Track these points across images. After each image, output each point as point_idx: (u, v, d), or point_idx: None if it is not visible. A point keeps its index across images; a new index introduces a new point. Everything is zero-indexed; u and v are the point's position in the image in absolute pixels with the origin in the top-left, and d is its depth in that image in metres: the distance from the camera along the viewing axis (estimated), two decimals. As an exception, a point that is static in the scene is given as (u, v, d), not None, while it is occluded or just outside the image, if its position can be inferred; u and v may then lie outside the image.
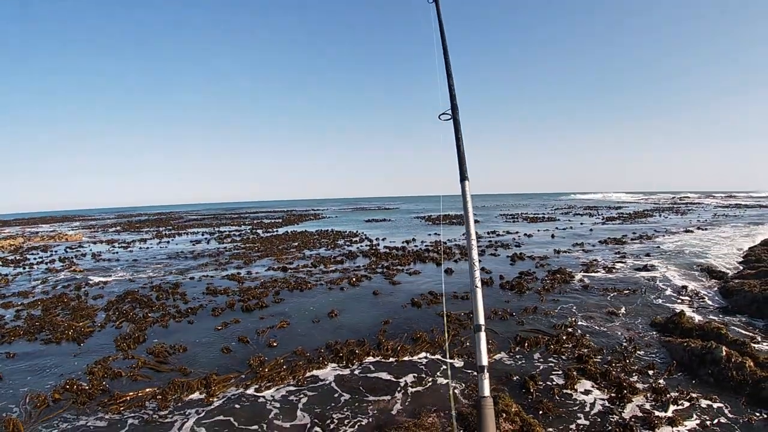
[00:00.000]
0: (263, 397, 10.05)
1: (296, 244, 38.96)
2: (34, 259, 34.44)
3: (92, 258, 34.13)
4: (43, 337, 14.90)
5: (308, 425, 8.75)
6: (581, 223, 51.25)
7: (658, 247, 29.69)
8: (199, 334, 14.85)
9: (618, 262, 24.85)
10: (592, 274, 21.59)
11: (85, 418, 9.30)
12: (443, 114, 5.02)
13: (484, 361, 4.05)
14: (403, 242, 38.68)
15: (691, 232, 38.36)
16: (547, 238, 37.84)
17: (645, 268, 22.04)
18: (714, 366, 10.65)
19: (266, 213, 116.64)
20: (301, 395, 10.07)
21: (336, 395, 10.04)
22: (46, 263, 32.00)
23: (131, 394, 10.25)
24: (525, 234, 41.55)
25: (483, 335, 4.17)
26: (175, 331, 15.27)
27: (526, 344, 12.58)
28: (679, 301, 16.65)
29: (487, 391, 3.91)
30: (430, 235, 45.49)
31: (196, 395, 10.17)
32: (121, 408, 9.66)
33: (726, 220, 49.35)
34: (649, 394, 9.53)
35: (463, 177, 4.89)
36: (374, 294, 19.29)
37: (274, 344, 13.44)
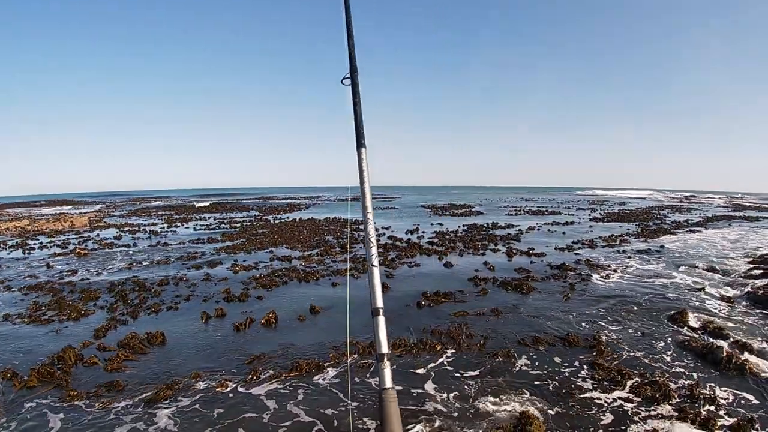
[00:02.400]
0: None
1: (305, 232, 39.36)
2: (39, 243, 34.23)
3: (98, 243, 34.09)
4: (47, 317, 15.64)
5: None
6: (579, 219, 51.17)
7: (662, 246, 29.88)
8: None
9: (623, 259, 25.17)
10: (598, 274, 21.79)
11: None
12: (345, 78, 4.76)
13: (384, 348, 3.72)
14: (407, 232, 39.38)
15: (697, 231, 38.43)
16: (547, 233, 38.14)
17: (651, 269, 22.28)
18: (715, 366, 10.94)
19: (265, 200, 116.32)
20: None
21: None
22: (53, 247, 32.25)
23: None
24: (529, 227, 41.78)
25: (382, 319, 3.84)
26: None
27: (540, 345, 12.92)
28: (684, 296, 16.98)
29: (389, 382, 3.61)
30: (432, 225, 45.67)
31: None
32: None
33: (719, 221, 49.11)
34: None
35: (360, 144, 4.59)
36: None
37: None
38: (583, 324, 14.40)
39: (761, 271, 19.56)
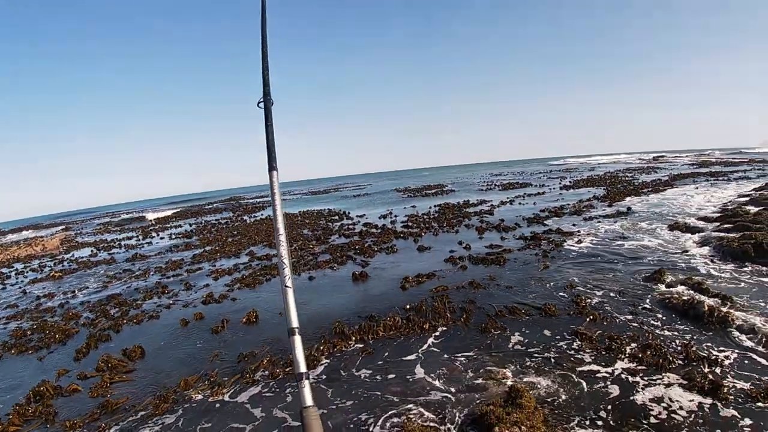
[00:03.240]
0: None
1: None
2: (15, 270, 32.96)
3: (74, 263, 32.79)
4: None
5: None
6: (550, 189, 51.67)
7: (629, 208, 30.07)
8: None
9: (590, 225, 25.31)
10: (570, 241, 21.72)
11: None
12: (260, 101, 4.80)
13: (302, 367, 3.72)
14: (380, 216, 39.25)
15: (662, 191, 39.04)
16: (518, 206, 38.17)
17: (620, 231, 22.46)
18: (697, 320, 10.88)
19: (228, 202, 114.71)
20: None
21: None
22: (29, 272, 31.16)
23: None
24: (501, 202, 41.85)
25: (298, 339, 3.85)
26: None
27: (515, 315, 12.77)
28: (658, 257, 16.92)
29: (309, 400, 3.58)
30: (405, 208, 45.51)
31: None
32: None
33: (684, 179, 50.07)
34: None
35: (272, 167, 4.70)
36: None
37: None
38: (562, 292, 14.20)
39: (730, 225, 19.79)
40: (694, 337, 10.13)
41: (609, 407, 7.95)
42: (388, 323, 12.98)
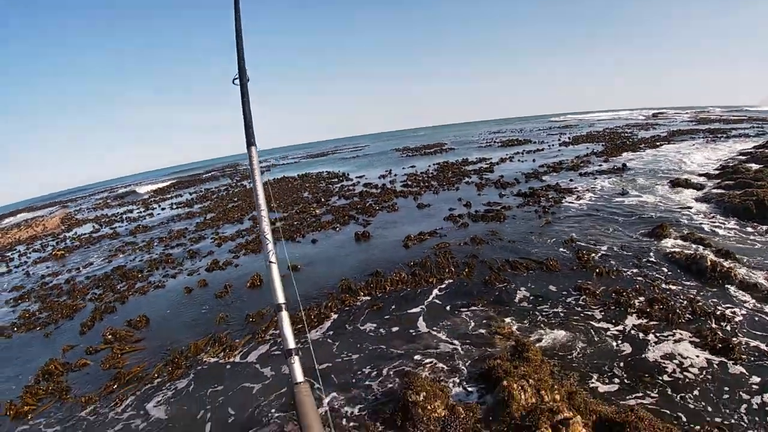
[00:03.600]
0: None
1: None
2: (18, 253, 32.28)
3: (77, 240, 32.40)
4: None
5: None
6: (549, 146, 51.21)
7: (624, 164, 29.70)
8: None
9: (588, 181, 25.26)
10: (569, 197, 21.64)
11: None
12: (235, 78, 4.79)
13: (291, 343, 3.60)
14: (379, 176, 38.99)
15: (659, 147, 38.70)
16: (517, 163, 37.86)
17: (619, 188, 22.36)
18: (700, 275, 10.98)
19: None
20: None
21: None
22: (32, 253, 30.66)
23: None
24: (500, 159, 41.46)
25: (285, 315, 3.71)
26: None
27: (519, 268, 12.88)
28: (659, 213, 16.89)
29: (300, 377, 3.48)
30: (404, 168, 45.19)
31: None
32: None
33: (682, 135, 49.38)
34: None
35: (250, 143, 4.61)
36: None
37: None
38: (563, 248, 14.28)
39: (731, 182, 19.64)
40: (700, 293, 10.22)
41: (616, 361, 8.11)
42: (394, 278, 13.16)
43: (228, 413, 8.27)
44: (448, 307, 11.14)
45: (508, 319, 10.04)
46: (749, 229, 14.30)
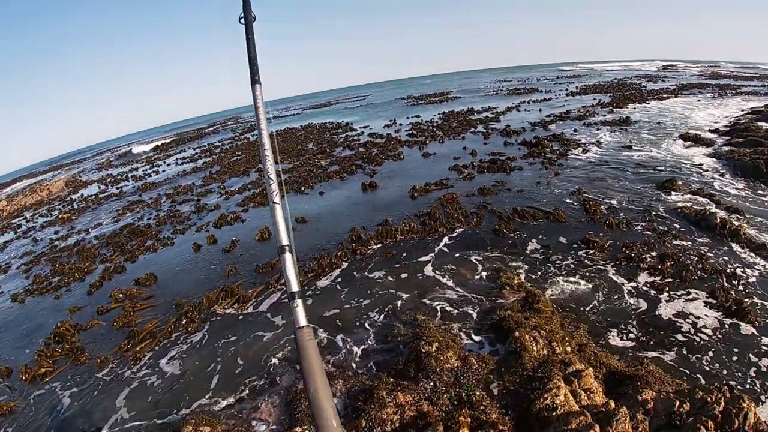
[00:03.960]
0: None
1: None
2: (24, 219, 31.40)
3: (84, 202, 31.93)
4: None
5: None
6: (556, 95, 50.21)
7: (627, 117, 28.81)
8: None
9: (594, 133, 24.88)
10: (575, 149, 21.32)
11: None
12: (241, 16, 4.59)
13: (294, 286, 3.44)
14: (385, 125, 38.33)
15: (665, 99, 37.87)
16: (524, 113, 37.03)
17: (626, 140, 22.03)
18: (709, 231, 10.97)
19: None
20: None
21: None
22: (38, 218, 30.07)
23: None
24: (507, 108, 40.68)
25: (289, 257, 3.54)
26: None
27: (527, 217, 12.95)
28: (667, 168, 16.71)
29: (303, 320, 3.38)
30: (409, 117, 44.46)
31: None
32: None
33: (692, 89, 48.09)
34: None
35: (254, 81, 4.45)
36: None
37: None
38: (569, 198, 14.27)
39: (741, 139, 19.26)
40: (710, 250, 10.23)
41: (626, 316, 8.23)
42: (404, 228, 13.22)
43: (238, 363, 8.49)
44: (457, 257, 11.22)
45: (517, 270, 10.12)
46: (759, 188, 14.18)
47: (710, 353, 7.05)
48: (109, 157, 76.92)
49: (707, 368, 6.76)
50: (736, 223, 10.93)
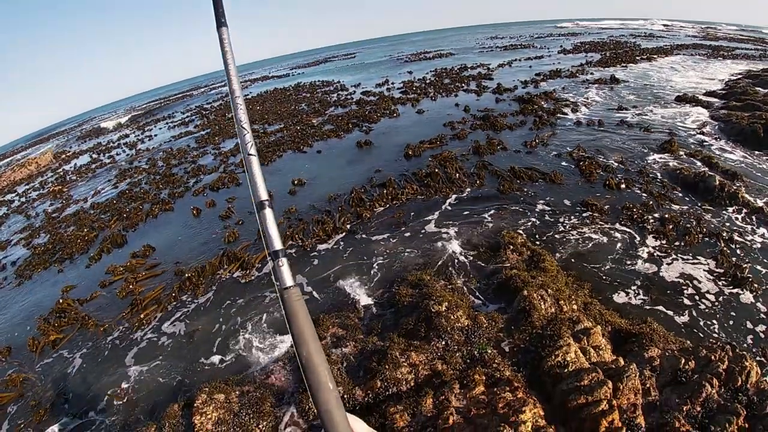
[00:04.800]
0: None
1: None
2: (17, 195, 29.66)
3: (76, 174, 30.22)
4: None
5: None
6: (549, 53, 49.54)
7: (614, 76, 28.87)
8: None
9: (585, 91, 24.76)
10: (565, 108, 21.14)
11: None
12: None
13: (277, 244, 3.19)
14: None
15: (653, 59, 37.57)
16: (516, 70, 36.44)
17: (619, 100, 21.93)
18: (707, 194, 11.09)
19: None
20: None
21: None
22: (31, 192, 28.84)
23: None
24: (498, 65, 40.14)
25: (269, 212, 3.25)
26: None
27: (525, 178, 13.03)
28: (661, 130, 16.68)
29: (289, 281, 3.12)
30: (401, 74, 43.70)
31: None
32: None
33: (684, 50, 47.66)
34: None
35: (220, 23, 3.95)
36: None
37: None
38: (565, 161, 14.25)
39: (739, 103, 18.89)
40: (708, 213, 10.42)
41: (628, 276, 8.41)
42: (407, 190, 13.24)
43: (246, 327, 8.57)
44: (460, 217, 11.30)
45: (520, 230, 10.22)
46: (756, 152, 14.27)
47: (710, 316, 7.26)
48: (92, 128, 73.47)
49: (707, 329, 6.98)
50: (734, 187, 11.03)
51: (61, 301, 11.14)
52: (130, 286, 11.00)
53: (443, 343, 6.49)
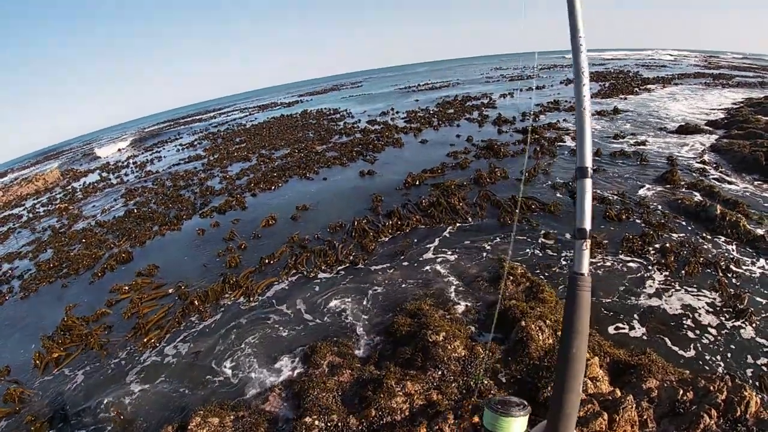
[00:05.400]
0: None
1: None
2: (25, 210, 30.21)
3: (83, 192, 30.77)
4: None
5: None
6: (551, 83, 50.31)
7: (616, 108, 28.89)
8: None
9: (597, 121, 24.83)
10: (567, 138, 21.33)
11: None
12: None
13: (587, 222, 2.85)
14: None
15: (653, 89, 38.04)
16: (518, 101, 37.14)
17: (618, 129, 22.13)
18: (709, 223, 11.06)
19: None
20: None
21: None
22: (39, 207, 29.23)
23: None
24: (501, 95, 40.84)
25: (588, 184, 2.97)
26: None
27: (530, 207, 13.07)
28: (663, 160, 16.77)
29: (585, 267, 2.76)
30: (406, 103, 44.51)
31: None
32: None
33: (686, 78, 48.20)
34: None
35: None
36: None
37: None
38: (564, 191, 14.31)
39: (741, 131, 18.99)
40: (709, 243, 10.35)
41: (628, 308, 8.35)
42: (410, 219, 13.37)
43: (245, 353, 8.59)
44: (460, 247, 11.36)
45: (520, 261, 10.20)
46: (758, 180, 14.21)
47: (711, 347, 7.16)
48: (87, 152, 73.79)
49: (707, 361, 6.89)
50: (735, 216, 10.98)
51: (65, 318, 11.24)
52: (135, 308, 11.11)
53: (439, 373, 6.46)
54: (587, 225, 2.81)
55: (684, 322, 7.78)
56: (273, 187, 19.39)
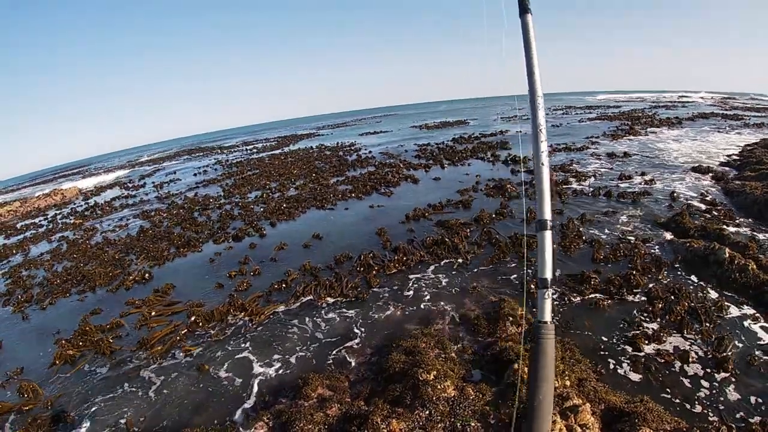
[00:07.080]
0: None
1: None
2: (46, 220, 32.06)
3: (100, 209, 32.20)
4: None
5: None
6: (568, 122, 50.82)
7: (625, 153, 28.41)
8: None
9: (598, 162, 25.22)
10: (581, 180, 21.38)
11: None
12: None
13: (548, 272, 2.96)
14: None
15: (664, 131, 38.10)
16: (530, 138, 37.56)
17: (630, 171, 22.00)
18: (717, 267, 10.79)
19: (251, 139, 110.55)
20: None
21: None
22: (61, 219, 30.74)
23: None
24: (514, 132, 41.45)
25: (548, 235, 3.07)
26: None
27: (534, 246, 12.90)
28: (671, 201, 16.59)
29: (548, 315, 2.92)
30: (418, 141, 45.29)
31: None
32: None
33: (700, 119, 48.01)
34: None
35: (524, 9, 3.71)
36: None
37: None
38: (569, 231, 14.13)
39: (754, 173, 18.73)
40: (715, 289, 10.12)
41: (628, 354, 8.14)
42: (413, 255, 13.48)
43: (233, 380, 8.68)
44: (463, 285, 11.30)
45: (519, 302, 10.03)
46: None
47: (707, 398, 6.89)
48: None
49: (706, 409, 6.63)
50: (744, 260, 10.69)
51: (82, 324, 12.01)
52: (145, 321, 11.77)
53: (427, 412, 6.32)
54: (548, 275, 2.96)
55: (684, 367, 7.54)
56: (286, 218, 20.04)
